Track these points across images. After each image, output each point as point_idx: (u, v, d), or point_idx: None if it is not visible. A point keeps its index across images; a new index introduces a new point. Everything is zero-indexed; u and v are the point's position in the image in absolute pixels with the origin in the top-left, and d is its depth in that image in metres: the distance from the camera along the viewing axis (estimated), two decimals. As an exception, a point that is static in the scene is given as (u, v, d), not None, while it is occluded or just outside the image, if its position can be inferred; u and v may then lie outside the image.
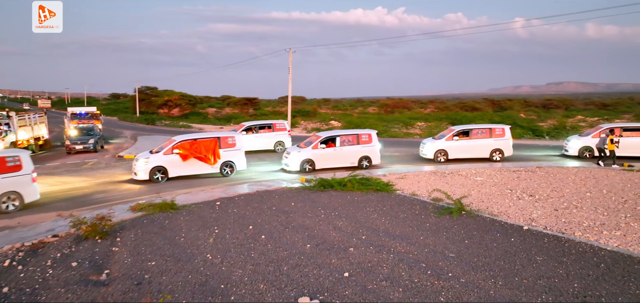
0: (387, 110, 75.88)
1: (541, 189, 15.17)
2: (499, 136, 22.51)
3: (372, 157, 20.78)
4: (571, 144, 23.30)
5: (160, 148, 19.15)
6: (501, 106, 78.81)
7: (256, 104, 74.20)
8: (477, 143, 22.46)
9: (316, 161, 20.13)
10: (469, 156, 22.47)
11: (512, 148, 22.77)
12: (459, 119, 49.49)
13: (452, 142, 22.41)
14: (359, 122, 45.70)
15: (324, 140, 20.49)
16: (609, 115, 62.33)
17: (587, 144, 22.63)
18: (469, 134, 22.76)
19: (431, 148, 22.58)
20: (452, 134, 22.61)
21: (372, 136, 21.08)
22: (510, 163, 21.38)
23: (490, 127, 22.91)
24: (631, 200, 13.47)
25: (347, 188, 15.34)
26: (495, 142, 22.40)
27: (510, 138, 22.61)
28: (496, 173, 18.22)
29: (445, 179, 17.16)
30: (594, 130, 23.57)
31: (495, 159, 22.20)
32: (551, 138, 34.38)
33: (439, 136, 23.66)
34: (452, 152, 22.35)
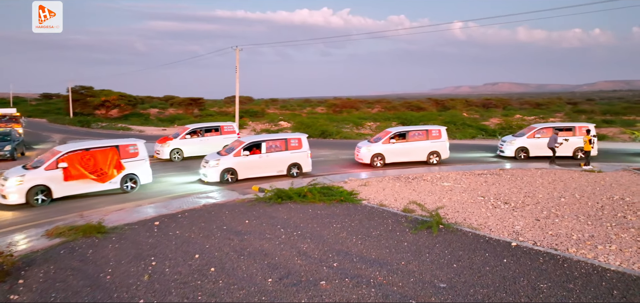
0: (335, 110, 74.81)
1: (513, 195, 14.06)
2: (435, 138, 21.38)
3: (303, 164, 18.73)
4: (507, 146, 22.57)
5: (39, 160, 15.16)
6: (445, 106, 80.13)
7: (201, 105, 70.67)
8: (414, 145, 21.19)
9: (239, 171, 17.58)
10: (406, 159, 21.12)
11: (449, 150, 21.75)
12: (408, 119, 49.03)
13: (389, 145, 20.93)
14: (309, 122, 44.01)
15: (247, 146, 17.98)
16: (544, 114, 64.71)
17: (523, 145, 22.08)
18: (405, 137, 21.41)
19: (367, 151, 20.90)
20: (389, 137, 21.10)
21: (302, 141, 18.94)
22: (467, 166, 20.40)
23: (427, 128, 21.74)
24: (607, 206, 12.59)
25: (308, 199, 13.50)
26: (432, 144, 21.25)
27: (447, 139, 21.55)
28: (462, 178, 17.04)
29: (411, 186, 15.73)
30: (528, 130, 22.86)
31: (432, 162, 21.08)
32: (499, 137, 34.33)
33: (375, 138, 21.97)
34: (389, 156, 20.89)
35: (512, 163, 21.29)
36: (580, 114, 64.47)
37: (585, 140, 19.22)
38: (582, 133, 21.90)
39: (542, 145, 21.72)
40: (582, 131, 22.04)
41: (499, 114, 65.99)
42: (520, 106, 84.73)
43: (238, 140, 18.87)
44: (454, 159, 22.52)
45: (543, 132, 22.16)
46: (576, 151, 21.87)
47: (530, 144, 22.14)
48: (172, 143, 22.69)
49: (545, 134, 21.99)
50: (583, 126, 22.32)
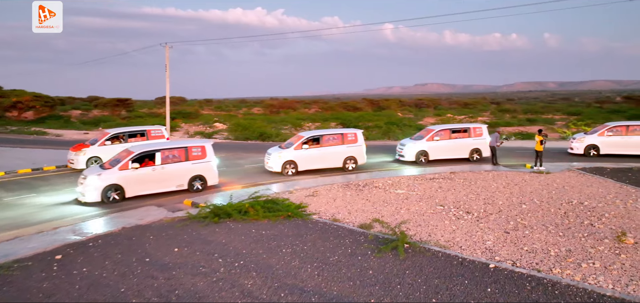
0: (273, 110, 72.65)
1: (473, 202, 12.94)
2: (351, 142, 19.41)
3: (208, 176, 15.78)
4: (406, 149, 20.96)
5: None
6: (380, 106, 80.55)
7: (129, 106, 65.53)
8: (329, 151, 19.07)
9: (126, 187, 14.30)
10: (321, 166, 19.02)
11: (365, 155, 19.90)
12: (347, 119, 47.89)
13: (302, 151, 18.64)
14: (246, 124, 41.58)
15: (137, 158, 14.71)
16: (472, 113, 66.72)
17: (423, 148, 20.71)
18: (319, 141, 19.17)
19: (278, 159, 18.43)
20: (301, 142, 18.77)
21: (207, 149, 15.98)
22: (439, 168, 19.31)
23: (343, 132, 19.73)
24: (570, 212, 11.77)
25: (250, 216, 11.49)
26: (348, 149, 19.25)
27: (363, 143, 19.71)
28: (415, 184, 15.79)
29: (363, 195, 14.19)
30: (426, 133, 21.64)
31: (349, 169, 19.19)
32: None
33: (286, 144, 19.69)
34: (302, 162, 18.67)
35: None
36: (505, 113, 67.23)
37: (536, 141, 18.76)
38: (476, 133, 21.34)
39: (441, 148, 20.90)
40: (476, 131, 21.42)
41: (431, 114, 67.22)
42: (449, 106, 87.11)
43: (127, 150, 15.39)
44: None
45: (441, 134, 21.11)
46: (472, 153, 21.14)
47: (430, 148, 20.79)
48: (89, 151, 19.58)
49: (443, 136, 21.06)
50: (477, 127, 21.69)
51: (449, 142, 21.16)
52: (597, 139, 21.84)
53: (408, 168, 19.67)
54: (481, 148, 21.19)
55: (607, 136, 21.75)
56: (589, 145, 21.84)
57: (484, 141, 21.22)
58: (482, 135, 21.47)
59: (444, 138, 21.13)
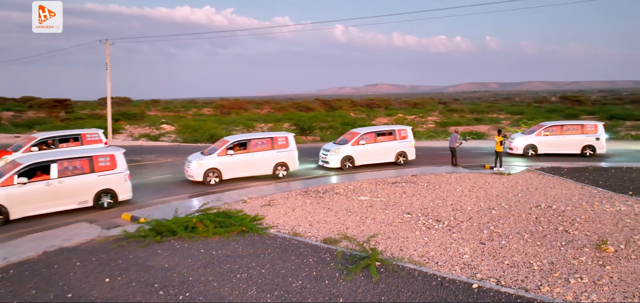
0: (223, 111, 70.28)
1: (441, 209, 12.09)
2: (282, 146, 17.63)
3: (118, 189, 13.33)
4: (331, 155, 19.17)
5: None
6: (332, 106, 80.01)
7: (69, 107, 60.92)
8: (257, 156, 17.20)
9: (11, 208, 11.62)
10: (248, 173, 17.11)
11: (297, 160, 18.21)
12: (300, 119, 46.49)
13: (226, 157, 16.64)
14: (196, 125, 39.33)
15: (25, 171, 12.03)
16: (422, 113, 67.52)
17: (348, 154, 19.17)
18: (247, 147, 17.24)
19: (198, 166, 16.35)
20: (226, 148, 16.81)
21: (117, 159, 13.51)
22: (366, 174, 18.39)
23: (272, 136, 17.86)
24: (541, 217, 11.16)
25: (198, 232, 9.99)
26: (278, 154, 17.48)
27: (295, 148, 18.03)
28: (377, 189, 14.79)
29: (323, 203, 13.00)
30: (350, 136, 20.17)
31: (280, 175, 17.47)
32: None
33: (209, 150, 17.45)
34: (227, 170, 16.70)
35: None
36: (453, 112, 68.54)
37: (496, 142, 18.34)
38: (401, 136, 20.23)
39: (367, 152, 19.52)
40: (401, 134, 20.29)
41: (382, 114, 67.36)
42: (399, 106, 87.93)
43: (13, 161, 13.10)
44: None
45: (367, 138, 19.66)
46: (398, 157, 20.01)
47: (356, 152, 19.27)
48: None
49: (369, 140, 19.65)
50: (401, 129, 20.54)
51: (375, 146, 19.76)
52: (535, 139, 21.75)
53: (362, 174, 18.69)
54: (407, 150, 20.18)
55: (544, 135, 21.73)
56: (527, 145, 21.70)
57: (409, 143, 20.26)
58: (407, 137, 20.40)
59: (370, 142, 19.72)
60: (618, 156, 21.75)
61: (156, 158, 23.64)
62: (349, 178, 16.88)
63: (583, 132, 21.63)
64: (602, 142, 21.43)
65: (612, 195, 13.25)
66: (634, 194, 13.32)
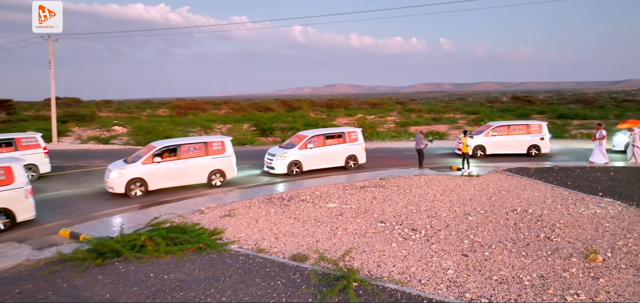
0: (180, 112, 67.58)
1: (415, 216, 11.26)
2: (217, 152, 15.87)
3: (16, 209, 11.10)
4: (277, 160, 17.57)
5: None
6: (291, 107, 79.04)
7: (10, 108, 56.44)
8: (189, 164, 15.29)
9: None
10: (179, 183, 15.26)
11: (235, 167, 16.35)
12: (259, 120, 45.00)
13: (153, 166, 14.63)
14: (149, 127, 36.99)
15: None
16: (381, 113, 67.57)
17: (295, 158, 17.67)
18: (177, 153, 15.28)
19: (119, 177, 14.21)
20: (152, 154, 14.76)
21: (15, 172, 11.23)
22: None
23: (207, 140, 16.00)
24: (520, 223, 10.56)
25: (148, 252, 8.63)
26: (213, 161, 15.68)
27: (233, 153, 16.23)
28: (346, 194, 13.83)
29: (290, 212, 11.89)
30: (297, 140, 18.57)
31: (216, 185, 15.72)
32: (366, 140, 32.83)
33: (133, 157, 15.25)
34: (154, 180, 14.71)
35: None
36: (411, 112, 69.02)
37: (463, 143, 17.82)
38: (351, 139, 19.02)
39: (315, 156, 18.11)
40: (351, 136, 19.05)
41: (342, 114, 66.87)
42: (358, 106, 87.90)
43: None
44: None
45: (315, 141, 18.22)
46: (348, 160, 18.85)
47: (303, 156, 17.87)
48: None
49: (317, 143, 18.23)
50: (351, 131, 19.28)
51: (324, 149, 18.36)
52: (483, 140, 21.50)
53: (332, 176, 17.72)
54: (357, 154, 19.06)
55: (492, 136, 21.53)
56: (476, 146, 21.33)
57: (359, 146, 19.16)
58: (357, 140, 19.18)
59: (318, 145, 18.28)
60: (564, 154, 22.14)
61: (105, 163, 21.65)
62: (313, 183, 15.83)
63: (529, 132, 21.60)
64: (546, 142, 21.57)
65: (584, 196, 12.92)
66: (604, 195, 13.06)
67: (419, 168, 18.34)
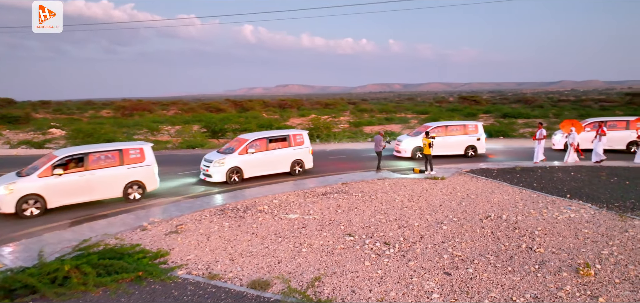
0: (125, 113, 63.76)
1: (385, 226, 10.21)
2: (136, 161, 13.58)
3: None
4: (214, 167, 15.67)
5: None
6: (243, 107, 77.13)
7: None
8: (100, 175, 12.95)
9: None
10: (85, 198, 12.85)
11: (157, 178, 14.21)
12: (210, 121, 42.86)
13: (53, 179, 12.22)
14: (89, 129, 33.98)
15: None
16: (334, 113, 66.99)
17: (234, 164, 15.86)
18: (84, 163, 12.87)
19: (7, 194, 11.68)
20: (52, 165, 12.33)
21: None
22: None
23: (122, 148, 13.63)
24: (497, 231, 9.76)
25: (73, 285, 6.98)
26: (129, 171, 13.42)
27: (154, 162, 14.03)
28: (307, 203, 12.59)
29: (246, 227, 10.49)
30: (237, 144, 16.75)
31: (133, 198, 13.55)
32: (321, 142, 31.78)
33: (29, 169, 12.75)
34: (55, 195, 12.29)
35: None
36: (363, 112, 68.95)
37: (424, 144, 17.06)
38: (297, 142, 17.39)
39: (257, 162, 16.32)
40: (296, 140, 17.41)
41: (295, 114, 65.65)
42: (311, 106, 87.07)
43: None
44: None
45: (256, 145, 16.43)
46: (294, 166, 17.22)
47: (244, 163, 16.04)
48: None
49: (259, 147, 16.47)
50: (297, 134, 17.60)
51: (266, 154, 16.61)
52: (422, 141, 20.02)
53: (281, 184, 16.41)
54: (304, 158, 17.46)
55: (431, 137, 21.01)
56: (416, 147, 20.53)
57: (306, 150, 17.55)
58: (303, 143, 17.56)
59: (261, 150, 16.54)
60: (504, 154, 22.21)
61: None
62: (270, 191, 14.48)
63: (466, 132, 21.24)
64: (482, 142, 21.39)
65: (553, 199, 12.42)
66: (572, 197, 12.63)
67: (376, 171, 17.29)
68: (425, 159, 17.04)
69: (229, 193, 14.25)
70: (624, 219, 10.22)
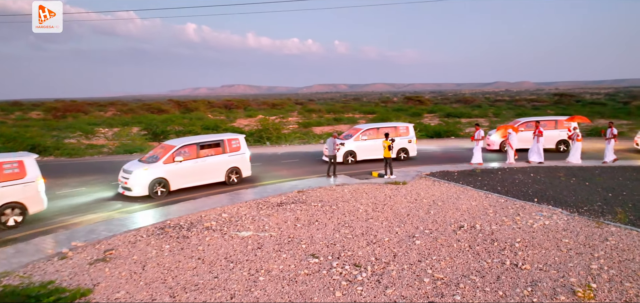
0: (57, 115, 58.45)
1: (352, 244, 8.94)
2: (12, 177, 10.85)
3: None
4: (135, 178, 13.49)
5: None
6: (187, 108, 73.90)
7: None
8: None
9: None
10: None
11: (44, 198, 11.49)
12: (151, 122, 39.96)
13: None
14: (11, 134, 30.16)
15: None
16: (282, 113, 65.44)
17: (159, 175, 13.76)
18: None
19: None
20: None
21: None
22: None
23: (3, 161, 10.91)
24: (475, 245, 8.79)
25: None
26: (4, 190, 10.68)
27: (39, 177, 11.35)
28: (261, 216, 11.08)
29: (190, 248, 8.83)
30: (162, 151, 14.56)
31: (10, 223, 10.74)
32: (271, 144, 30.12)
33: None
34: None
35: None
36: (311, 113, 67.90)
37: (384, 146, 16.03)
38: (233, 147, 15.50)
39: (186, 172, 14.32)
40: (232, 145, 15.51)
41: (242, 115, 63.45)
42: (258, 107, 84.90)
43: None
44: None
45: (185, 152, 14.45)
46: (229, 174, 15.33)
47: (170, 172, 13.98)
48: None
49: (188, 154, 14.52)
50: (232, 139, 15.71)
51: (197, 162, 14.63)
52: (353, 145, 19.62)
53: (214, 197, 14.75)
54: (240, 166, 15.56)
55: (362, 140, 19.82)
56: (347, 151, 19.30)
57: (243, 156, 15.71)
58: (240, 149, 15.70)
59: (190, 157, 14.54)
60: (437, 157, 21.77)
61: None
62: (218, 202, 12.82)
63: (397, 134, 20.09)
64: (413, 144, 20.49)
65: (522, 204, 11.73)
66: (539, 201, 12.05)
67: (327, 177, 16.00)
68: (385, 162, 16.03)
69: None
70: (600, 226, 9.63)
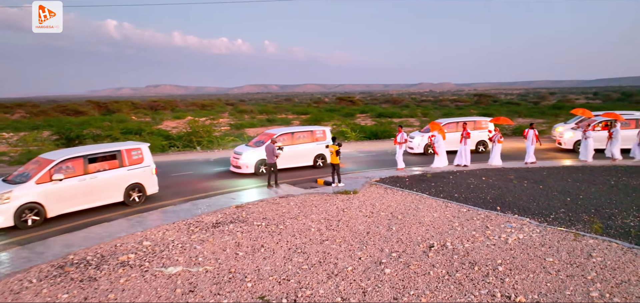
0: (-53, 118, 50.47)
1: (311, 278, 7.16)
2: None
3: None
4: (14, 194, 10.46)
5: None
6: (108, 109, 68.31)
7: None
8: None
9: None
10: None
11: None
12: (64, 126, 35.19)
13: None
14: None
15: None
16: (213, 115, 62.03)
17: (29, 199, 10.60)
18: None
19: None
20: None
21: None
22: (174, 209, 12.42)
23: None
24: (454, 272, 7.41)
25: None
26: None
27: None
28: (192, 242, 8.92)
29: (97, 297, 6.54)
30: (36, 169, 11.34)
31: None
32: (203, 149, 27.40)
33: None
34: None
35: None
36: (243, 113, 65.23)
37: (331, 151, 14.40)
38: (133, 160, 12.66)
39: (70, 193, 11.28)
40: (132, 157, 12.65)
41: (169, 116, 59.33)
42: (187, 108, 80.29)
43: None
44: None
45: (67, 168, 11.45)
46: (129, 193, 12.47)
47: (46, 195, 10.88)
48: None
49: (73, 171, 11.46)
50: (132, 149, 12.85)
51: (84, 180, 11.62)
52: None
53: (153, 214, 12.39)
54: (143, 181, 12.80)
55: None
56: (259, 161, 16.83)
57: (146, 170, 12.91)
58: (142, 161, 12.91)
59: (75, 174, 11.50)
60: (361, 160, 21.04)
61: None
62: (138, 225, 10.44)
63: (314, 139, 18.36)
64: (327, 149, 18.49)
65: (487, 214, 10.64)
66: (502, 209, 11.09)
67: (268, 187, 14.12)
68: (332, 169, 14.44)
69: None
70: (578, 238, 8.72)
